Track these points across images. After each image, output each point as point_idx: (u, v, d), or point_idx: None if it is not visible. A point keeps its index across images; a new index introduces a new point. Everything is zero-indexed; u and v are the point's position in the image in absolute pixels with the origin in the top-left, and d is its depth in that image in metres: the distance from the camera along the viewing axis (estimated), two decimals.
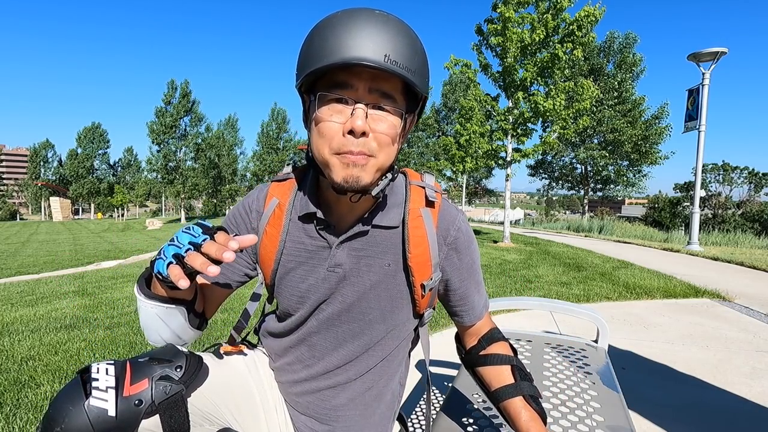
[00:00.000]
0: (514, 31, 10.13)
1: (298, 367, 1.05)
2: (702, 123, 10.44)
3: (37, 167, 69.89)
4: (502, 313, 4.44)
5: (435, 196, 1.02)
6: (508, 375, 1.04)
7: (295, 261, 1.00)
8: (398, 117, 0.85)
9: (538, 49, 10.47)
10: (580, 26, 9.74)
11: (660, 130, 28.51)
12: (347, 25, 0.79)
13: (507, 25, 10.14)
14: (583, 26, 9.75)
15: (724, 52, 9.93)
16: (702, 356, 3.37)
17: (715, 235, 16.17)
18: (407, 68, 0.81)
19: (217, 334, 3.66)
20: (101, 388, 0.75)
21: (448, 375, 2.80)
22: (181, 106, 43.57)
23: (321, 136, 0.84)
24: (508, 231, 11.88)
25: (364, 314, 1.00)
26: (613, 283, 6.08)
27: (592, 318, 1.79)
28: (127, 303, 4.96)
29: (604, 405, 1.27)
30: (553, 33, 10.20)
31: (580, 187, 34.30)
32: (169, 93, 43.59)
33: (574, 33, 9.83)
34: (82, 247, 13.73)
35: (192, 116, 44.68)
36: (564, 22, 10.02)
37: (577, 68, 27.74)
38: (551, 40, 10.31)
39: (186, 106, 43.91)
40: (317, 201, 0.98)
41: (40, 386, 2.70)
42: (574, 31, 9.81)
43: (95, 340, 3.59)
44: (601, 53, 30.46)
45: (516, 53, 10.46)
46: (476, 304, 1.09)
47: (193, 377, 0.85)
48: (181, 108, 43.56)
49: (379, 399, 1.06)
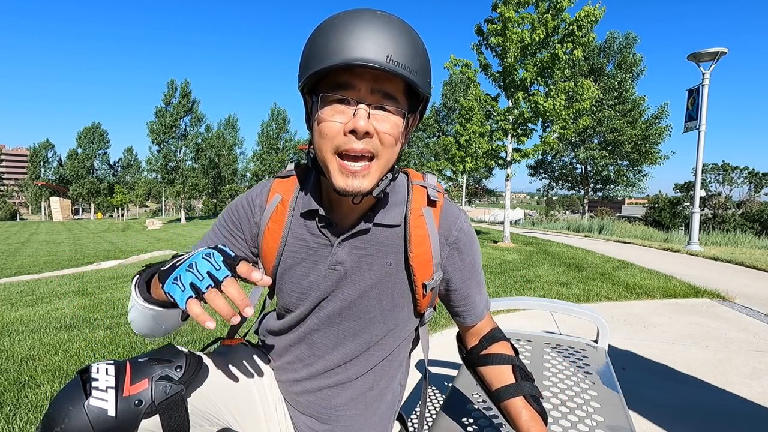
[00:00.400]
0: (514, 31, 10.14)
1: (299, 365, 1.05)
2: (702, 123, 10.44)
3: (37, 167, 69.93)
4: (502, 313, 4.44)
5: (437, 196, 1.02)
6: (509, 375, 1.04)
7: (297, 257, 1.00)
8: (400, 117, 0.86)
9: (538, 49, 10.48)
10: (580, 26, 9.75)
11: (660, 130, 28.50)
12: (349, 26, 0.79)
13: (507, 25, 10.14)
14: (583, 26, 9.75)
15: (724, 52, 9.93)
16: (702, 356, 3.37)
17: (715, 235, 16.18)
18: (409, 69, 0.81)
19: (217, 335, 3.66)
20: (101, 388, 0.75)
21: (448, 375, 2.80)
22: (181, 106, 43.64)
23: (322, 137, 0.84)
24: (508, 231, 11.89)
25: (365, 312, 1.00)
26: (613, 283, 6.07)
27: (592, 318, 1.79)
28: (127, 303, 4.94)
29: (604, 405, 1.27)
30: (553, 33, 10.20)
31: (580, 187, 34.30)
32: (169, 93, 43.64)
33: (574, 33, 9.84)
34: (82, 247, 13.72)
35: (192, 116, 44.75)
36: (564, 22, 10.03)
37: (577, 68, 27.74)
38: (551, 40, 10.31)
39: (186, 106, 43.97)
40: (319, 199, 0.98)
41: (40, 386, 2.70)
42: (574, 31, 9.81)
43: (95, 340, 3.59)
44: (601, 53, 30.46)
45: (516, 53, 10.47)
46: (477, 304, 1.09)
47: (192, 377, 0.85)
48: (181, 108, 43.62)
49: (380, 399, 1.06)
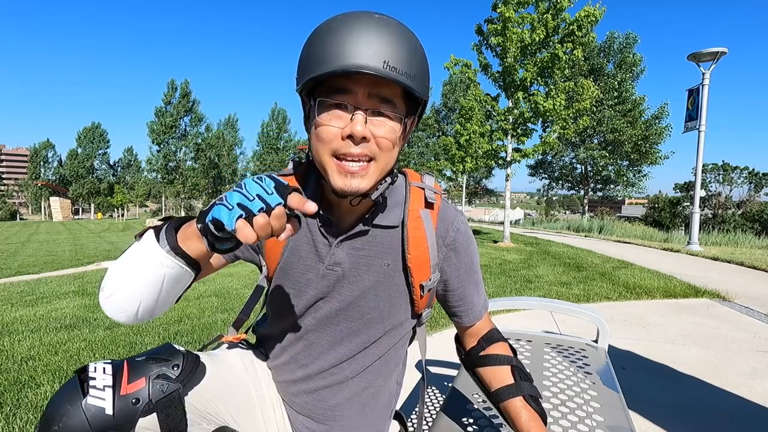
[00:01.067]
0: (514, 31, 10.15)
1: (295, 366, 1.05)
2: (702, 123, 10.45)
3: (37, 167, 69.86)
4: (502, 313, 4.44)
5: (434, 198, 1.02)
6: (508, 375, 1.04)
7: (296, 255, 1.01)
8: (398, 122, 0.86)
9: (538, 49, 10.49)
10: (580, 26, 9.76)
11: (660, 130, 28.51)
12: (346, 30, 0.79)
13: (507, 25, 10.16)
14: (583, 26, 9.77)
15: (724, 52, 9.94)
16: (702, 356, 3.37)
17: (715, 235, 16.16)
18: (406, 74, 0.81)
19: (217, 334, 3.65)
20: (98, 387, 0.75)
21: (447, 375, 2.80)
22: (181, 106, 43.71)
23: (320, 140, 0.84)
24: (508, 231, 11.89)
25: (363, 313, 1.00)
26: (613, 283, 6.08)
27: (592, 318, 1.79)
28: None
29: (604, 405, 1.27)
30: (553, 33, 10.22)
31: (580, 187, 34.31)
32: (169, 93, 43.70)
33: (574, 33, 9.85)
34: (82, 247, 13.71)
35: (192, 116, 44.82)
36: (564, 22, 10.05)
37: (577, 68, 27.72)
38: (551, 40, 10.32)
39: (186, 106, 44.04)
40: (319, 199, 0.98)
41: (40, 386, 2.70)
42: (574, 31, 9.83)
43: (95, 340, 3.59)
44: (601, 53, 30.44)
45: (516, 53, 10.47)
46: (475, 305, 1.09)
47: (190, 376, 0.85)
48: (181, 108, 43.69)
49: (377, 398, 1.07)
